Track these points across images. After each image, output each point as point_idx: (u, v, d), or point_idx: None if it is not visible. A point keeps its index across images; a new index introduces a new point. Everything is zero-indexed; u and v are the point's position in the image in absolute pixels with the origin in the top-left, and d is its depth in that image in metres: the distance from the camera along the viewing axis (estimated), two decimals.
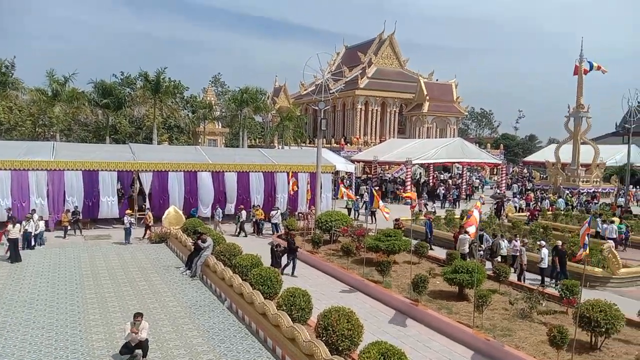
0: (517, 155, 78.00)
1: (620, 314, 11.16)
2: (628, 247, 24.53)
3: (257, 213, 26.68)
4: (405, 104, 67.96)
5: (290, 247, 18.43)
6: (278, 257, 17.63)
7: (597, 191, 41.51)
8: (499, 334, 12.02)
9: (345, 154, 54.27)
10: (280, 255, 17.77)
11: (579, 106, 40.61)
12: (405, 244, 19.05)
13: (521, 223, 26.62)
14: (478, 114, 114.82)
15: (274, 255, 17.56)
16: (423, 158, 43.34)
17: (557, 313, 13.68)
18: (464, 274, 14.42)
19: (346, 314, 10.22)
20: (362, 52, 72.82)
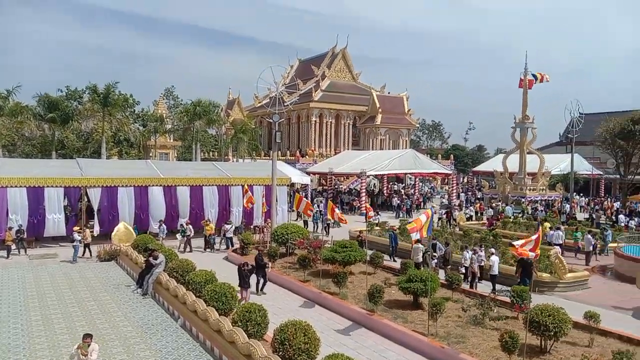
0: (466, 165, 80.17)
1: (567, 318, 11.57)
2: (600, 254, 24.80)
3: (207, 228, 25.76)
4: (359, 116, 68.84)
5: (259, 263, 17.64)
6: (246, 276, 16.28)
7: (543, 199, 43.18)
8: (453, 341, 12.23)
9: (301, 166, 54.33)
10: (249, 274, 16.48)
11: (524, 117, 42.17)
12: (361, 254, 19.16)
13: (472, 231, 27.29)
14: (429, 126, 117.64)
15: (242, 275, 16.24)
16: (377, 169, 43.92)
17: (508, 319, 14.04)
18: (418, 282, 14.62)
19: (303, 327, 10.15)
20: (315, 66, 73.46)
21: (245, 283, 16.10)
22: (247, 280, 16.25)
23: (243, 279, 16.14)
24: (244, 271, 16.26)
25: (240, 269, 16.39)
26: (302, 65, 79.51)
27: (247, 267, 16.45)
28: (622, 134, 40.83)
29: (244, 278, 16.16)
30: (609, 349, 11.45)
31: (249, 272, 16.50)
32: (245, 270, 16.32)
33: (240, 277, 16.19)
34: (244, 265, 16.55)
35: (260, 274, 17.67)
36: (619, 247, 22.40)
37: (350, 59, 74.18)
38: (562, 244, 24.12)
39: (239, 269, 16.45)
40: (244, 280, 16.14)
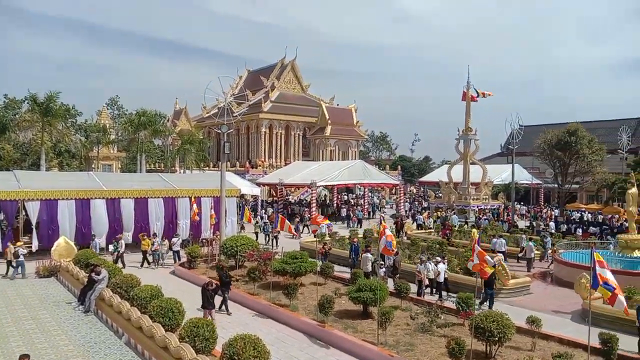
0: (413, 176, 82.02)
1: (510, 323, 11.96)
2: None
3: (144, 243, 24.39)
4: (309, 128, 69.16)
5: (223, 280, 16.81)
6: (211, 296, 14.99)
7: (493, 207, 44.70)
8: (402, 349, 12.38)
9: (251, 177, 53.91)
10: (213, 294, 15.23)
11: (467, 129, 43.60)
12: (312, 265, 19.16)
13: (419, 240, 27.83)
14: (377, 137, 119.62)
15: (206, 296, 14.93)
16: (327, 180, 44.19)
17: (455, 325, 14.37)
18: (368, 292, 14.74)
19: (252, 341, 10.02)
20: (264, 76, 73.38)
21: (210, 304, 14.86)
22: (212, 301, 15.05)
23: (207, 299, 14.90)
24: (209, 291, 15.00)
25: (204, 289, 15.09)
26: (251, 76, 79.23)
27: (211, 287, 15.20)
28: (559, 145, 42.81)
29: (209, 298, 14.90)
30: (550, 352, 11.90)
31: (214, 292, 15.34)
32: (210, 290, 15.09)
33: (204, 298, 14.97)
34: (208, 284, 15.29)
35: (225, 291, 16.64)
36: (559, 253, 23.40)
37: (299, 71, 74.59)
38: (505, 252, 24.96)
39: (203, 288, 15.13)
40: (209, 300, 14.88)
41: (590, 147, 42.64)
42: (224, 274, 17.10)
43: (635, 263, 20.36)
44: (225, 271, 17.38)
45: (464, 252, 22.90)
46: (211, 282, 15.67)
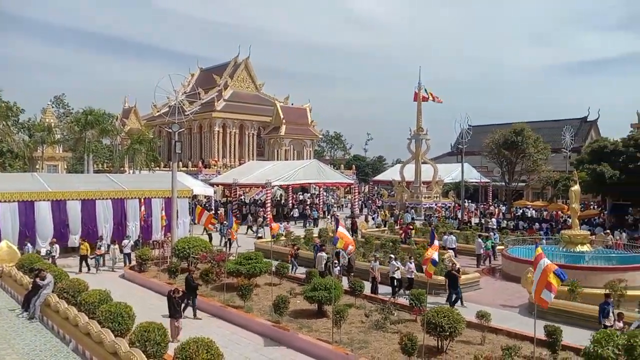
0: (367, 175, 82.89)
1: (461, 318, 12.28)
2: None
3: (82, 247, 23.32)
4: (263, 127, 68.78)
5: (191, 285, 16.03)
6: (177, 304, 14.15)
7: (438, 205, 45.75)
8: (356, 346, 12.50)
9: (204, 177, 53.10)
10: (180, 302, 14.41)
11: (419, 129, 44.59)
12: (267, 265, 19.07)
13: (373, 238, 28.18)
14: (332, 137, 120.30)
15: (173, 304, 14.04)
16: (282, 180, 44.07)
17: (407, 321, 14.64)
18: (323, 291, 14.81)
19: (205, 344, 9.85)
20: (217, 75, 72.42)
21: (177, 312, 14.05)
22: (179, 309, 14.25)
23: (174, 307, 14.02)
24: (175, 299, 14.08)
25: (170, 297, 14.16)
26: (203, 75, 78.05)
27: (177, 294, 14.28)
28: (506, 145, 44.30)
29: (175, 307, 14.03)
30: (499, 345, 12.27)
31: (181, 300, 14.48)
32: (176, 297, 14.17)
33: (170, 306, 14.08)
34: (174, 292, 14.31)
35: (190, 296, 15.95)
36: (506, 249, 24.19)
37: (253, 70, 74.06)
38: (455, 248, 25.61)
39: (169, 296, 14.20)
40: (175, 309, 14.03)
41: (535, 147, 44.35)
42: (191, 278, 16.42)
43: (578, 257, 21.28)
44: (192, 276, 16.66)
45: (416, 249, 23.35)
46: (177, 289, 14.67)
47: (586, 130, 64.02)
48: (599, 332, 9.37)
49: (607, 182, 30.35)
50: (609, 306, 13.30)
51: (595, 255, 21.88)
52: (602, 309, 13.28)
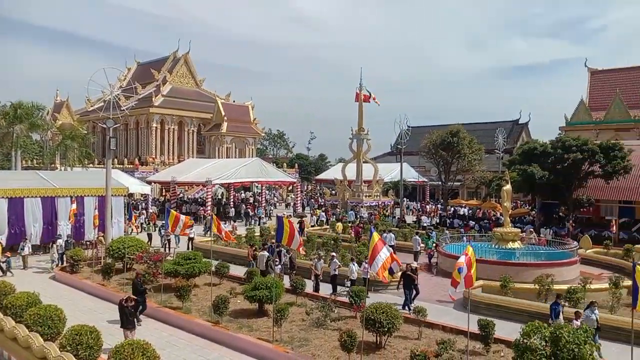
0: (310, 174, 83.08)
1: (398, 314, 12.56)
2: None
3: None
4: (204, 124, 67.49)
5: (138, 289, 15.04)
6: (130, 314, 12.97)
7: (379, 204, 46.55)
8: (297, 345, 12.50)
9: (140, 175, 51.45)
10: (133, 311, 13.24)
11: (360, 129, 45.12)
12: (206, 265, 18.71)
13: (315, 236, 28.31)
14: (275, 135, 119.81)
15: (125, 313, 12.83)
16: (223, 178, 43.42)
17: (347, 318, 14.79)
18: (264, 290, 14.71)
19: (141, 346, 9.55)
20: (155, 70, 70.39)
21: (130, 322, 12.86)
22: (133, 319, 13.06)
23: (127, 317, 12.81)
24: (127, 308, 12.90)
25: (122, 306, 12.92)
26: (141, 69, 75.63)
27: (130, 303, 13.05)
28: (442, 145, 45.65)
29: (128, 316, 12.84)
30: (435, 339, 12.62)
31: (134, 309, 13.28)
32: (129, 306, 12.96)
33: (122, 316, 12.86)
34: (126, 300, 13.04)
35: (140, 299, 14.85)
36: (442, 246, 24.94)
37: (193, 65, 72.52)
38: (394, 245, 26.13)
39: (121, 305, 12.96)
40: (128, 319, 12.82)
41: (470, 147, 45.99)
42: (139, 281, 15.41)
43: (509, 254, 22.26)
44: (140, 279, 15.69)
45: (357, 247, 23.65)
46: (130, 297, 13.41)
47: (518, 132, 67.10)
48: (528, 325, 9.81)
49: (537, 182, 31.86)
50: (558, 307, 13.36)
51: (525, 252, 22.98)
52: (552, 309, 13.31)
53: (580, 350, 8.88)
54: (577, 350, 8.87)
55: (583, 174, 31.84)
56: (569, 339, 8.99)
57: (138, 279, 15.49)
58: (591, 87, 61.96)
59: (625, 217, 32.92)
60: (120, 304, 13.07)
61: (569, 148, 31.29)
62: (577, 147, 31.05)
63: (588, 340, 9.11)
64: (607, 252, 26.26)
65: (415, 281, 17.43)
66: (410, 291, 17.13)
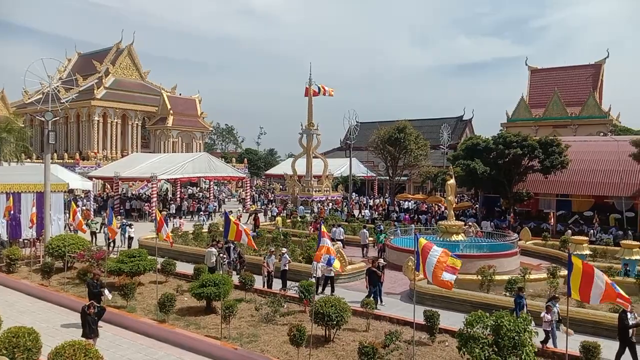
0: (259, 169, 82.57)
1: (347, 307, 12.69)
2: None
3: None
4: (149, 117, 65.70)
5: (92, 290, 14.10)
6: (93, 322, 11.93)
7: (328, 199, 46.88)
8: (245, 341, 12.42)
9: (82, 170, 49.53)
10: (97, 319, 12.22)
11: (310, 124, 45.22)
12: (151, 263, 18.25)
13: (264, 232, 28.19)
14: (223, 130, 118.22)
15: (88, 321, 11.81)
16: (169, 173, 42.46)
17: (297, 313, 14.82)
18: (212, 287, 14.50)
19: (83, 347, 9.23)
20: (98, 61, 67.82)
21: (93, 331, 11.88)
22: (96, 328, 12.04)
23: (90, 325, 11.81)
24: (90, 315, 11.88)
25: (84, 313, 11.89)
26: (82, 60, 72.66)
27: (93, 310, 12.04)
28: (390, 141, 46.41)
29: (91, 324, 11.84)
30: (383, 330, 12.84)
31: (97, 316, 12.26)
32: (92, 314, 11.95)
33: (84, 324, 11.85)
34: (89, 307, 12.00)
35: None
36: (390, 239, 25.40)
37: (137, 57, 70.33)
38: (343, 239, 26.42)
39: (83, 312, 11.95)
40: (91, 327, 11.82)
41: (416, 143, 46.99)
42: (94, 282, 14.35)
43: (453, 246, 22.89)
44: (97, 279, 14.55)
45: (306, 242, 23.72)
46: (92, 303, 12.28)
47: (462, 128, 69.18)
48: (471, 315, 10.15)
49: (479, 177, 33.00)
50: (522, 299, 13.50)
51: (468, 244, 23.76)
52: (517, 303, 13.40)
53: (520, 338, 9.29)
54: (517, 338, 9.27)
55: (523, 168, 33.23)
56: (509, 327, 9.39)
57: (94, 280, 14.50)
58: (531, 85, 64.75)
59: (562, 210, 34.62)
60: (82, 311, 12.03)
61: (510, 144, 32.55)
62: (518, 142, 32.35)
63: (527, 328, 9.54)
64: (545, 243, 27.56)
65: (382, 278, 17.05)
66: (375, 288, 16.73)
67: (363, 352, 10.54)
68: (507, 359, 9.27)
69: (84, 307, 12.16)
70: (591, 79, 61.21)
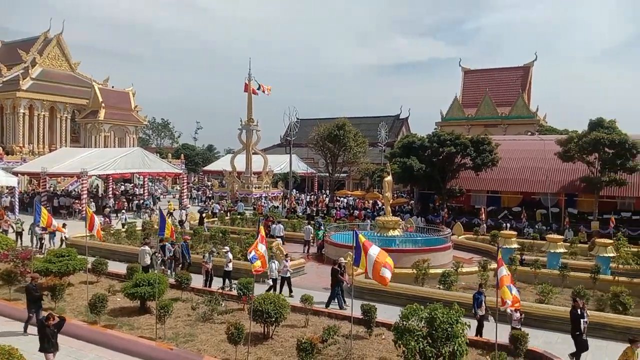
0: (197, 165, 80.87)
1: (286, 303, 12.68)
2: None
3: None
4: (79, 110, 62.73)
5: (33, 294, 13.17)
6: (52, 334, 10.69)
7: (269, 195, 46.65)
8: (181, 341, 12.16)
9: (6, 165, 46.56)
10: (56, 331, 10.79)
11: (249, 120, 44.87)
12: (81, 262, 17.46)
13: (201, 229, 27.67)
14: (159, 124, 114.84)
15: (45, 334, 10.63)
16: (101, 169, 40.75)
17: (235, 311, 14.66)
18: (146, 286, 14.07)
19: (6, 352, 8.75)
20: (24, 50, 63.83)
21: (52, 345, 10.69)
22: (55, 341, 10.75)
23: (49, 339, 10.63)
24: (49, 327, 10.65)
25: (43, 325, 10.76)
26: (6, 49, 68.19)
27: (53, 322, 10.73)
28: (329, 138, 46.85)
29: (50, 338, 10.63)
30: (321, 326, 12.95)
31: (57, 328, 10.84)
32: (51, 326, 10.69)
33: (43, 338, 10.68)
34: (48, 319, 10.78)
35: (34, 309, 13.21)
36: (329, 235, 25.60)
37: (67, 47, 66.81)
38: (283, 236, 26.39)
39: (42, 325, 10.82)
40: (50, 341, 10.63)
41: (355, 140, 47.70)
42: (34, 286, 13.41)
43: (390, 241, 23.44)
44: (35, 283, 13.58)
45: (245, 239, 23.49)
46: (52, 314, 10.99)
47: (399, 126, 70.77)
48: (407, 308, 10.41)
49: (415, 174, 33.94)
50: (481, 296, 13.70)
51: (404, 239, 24.36)
52: (475, 298, 13.57)
53: (453, 329, 9.62)
54: (450, 329, 9.60)
55: (456, 166, 34.47)
56: (443, 319, 9.70)
57: (33, 284, 13.51)
58: (464, 86, 67.21)
59: (492, 205, 36.20)
60: (40, 324, 10.94)
61: (444, 142, 33.68)
62: (451, 141, 33.52)
63: (459, 320, 9.89)
64: (477, 238, 28.73)
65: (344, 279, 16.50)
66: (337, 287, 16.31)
67: (301, 347, 10.58)
68: (440, 350, 9.58)
69: (41, 319, 10.99)
70: (520, 81, 64.31)
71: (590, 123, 31.40)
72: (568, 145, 31.12)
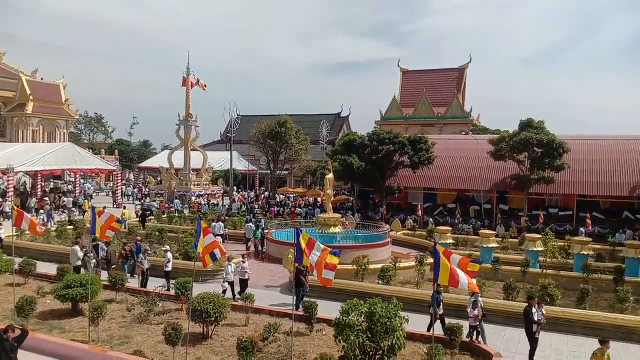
0: (132, 161, 78.19)
1: (226, 302, 12.54)
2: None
3: None
4: (5, 103, 59.05)
5: None
6: (11, 349, 9.21)
7: (208, 193, 45.80)
8: (116, 343, 11.78)
9: None
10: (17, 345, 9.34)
11: (188, 115, 43.79)
12: (7, 264, 16.51)
13: (137, 228, 26.83)
14: (92, 119, 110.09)
15: (5, 349, 9.15)
16: (28, 165, 38.63)
17: (173, 311, 14.32)
18: (78, 288, 13.49)
19: None
20: None
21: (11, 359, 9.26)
22: (15, 356, 9.33)
23: (7, 354, 9.18)
24: (8, 341, 9.20)
25: (1, 340, 9.16)
26: None
27: (13, 334, 9.26)
28: (271, 135, 46.65)
29: (9, 353, 9.20)
30: (262, 324, 12.88)
31: (18, 342, 9.37)
32: (11, 340, 9.23)
33: (1, 353, 9.21)
34: (7, 331, 9.28)
35: None
36: (270, 233, 25.51)
37: None
38: (224, 234, 26.03)
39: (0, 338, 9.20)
40: (9, 356, 9.21)
41: (297, 138, 47.76)
42: None
43: (331, 238, 23.66)
44: None
45: (183, 237, 22.99)
46: (12, 326, 9.49)
47: (340, 125, 71.44)
48: (347, 303, 10.54)
49: (356, 171, 34.43)
50: (440, 295, 13.77)
51: (345, 236, 24.67)
52: (434, 298, 13.55)
53: (392, 323, 9.85)
54: (389, 324, 9.81)
55: (394, 164, 35.25)
56: (382, 313, 9.90)
57: None
58: (403, 86, 68.75)
59: (429, 202, 37.28)
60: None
61: (383, 141, 34.35)
62: (390, 140, 34.24)
63: (398, 314, 10.13)
64: (414, 234, 29.51)
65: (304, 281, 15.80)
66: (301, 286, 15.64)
67: (242, 347, 10.48)
68: (380, 344, 9.78)
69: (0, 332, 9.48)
70: (456, 82, 66.53)
71: (521, 124, 32.91)
72: (500, 144, 32.49)
